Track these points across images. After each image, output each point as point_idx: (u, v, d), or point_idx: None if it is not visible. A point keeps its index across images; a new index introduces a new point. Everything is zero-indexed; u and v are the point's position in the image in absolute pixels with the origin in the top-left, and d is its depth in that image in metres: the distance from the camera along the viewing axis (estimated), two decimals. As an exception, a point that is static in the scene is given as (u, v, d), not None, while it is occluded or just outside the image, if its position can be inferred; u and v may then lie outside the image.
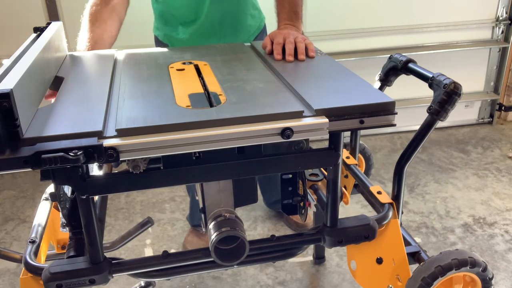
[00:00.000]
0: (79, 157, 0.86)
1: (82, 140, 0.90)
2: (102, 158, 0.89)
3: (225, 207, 1.18)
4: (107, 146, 0.89)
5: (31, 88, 1.02)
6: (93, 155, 0.89)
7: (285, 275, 1.97)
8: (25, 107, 0.93)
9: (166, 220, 2.36)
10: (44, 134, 0.90)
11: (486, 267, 1.25)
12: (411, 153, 1.28)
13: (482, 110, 3.28)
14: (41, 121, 0.97)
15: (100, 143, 0.89)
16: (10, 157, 0.85)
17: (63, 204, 1.17)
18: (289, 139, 0.97)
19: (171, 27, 1.73)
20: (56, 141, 0.89)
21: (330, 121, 0.99)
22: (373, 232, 1.23)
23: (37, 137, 0.90)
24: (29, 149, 0.86)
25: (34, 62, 1.05)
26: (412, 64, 1.37)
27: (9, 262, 1.73)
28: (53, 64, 1.27)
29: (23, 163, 0.86)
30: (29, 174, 2.74)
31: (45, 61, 1.18)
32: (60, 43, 1.40)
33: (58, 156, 0.85)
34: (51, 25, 1.39)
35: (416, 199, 2.46)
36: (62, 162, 0.86)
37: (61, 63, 1.36)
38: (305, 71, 1.27)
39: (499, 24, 3.05)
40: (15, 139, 0.88)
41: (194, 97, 1.10)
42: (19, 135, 0.88)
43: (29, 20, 2.56)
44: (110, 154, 0.90)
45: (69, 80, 1.22)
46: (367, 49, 2.94)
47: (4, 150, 0.86)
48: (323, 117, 1.00)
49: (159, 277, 1.19)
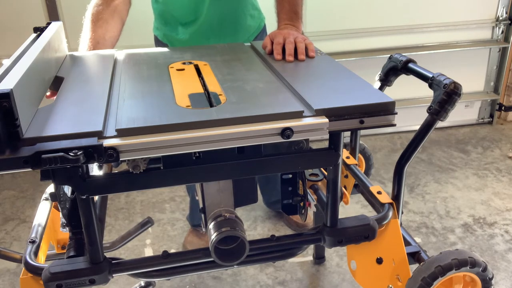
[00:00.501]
0: (79, 157, 0.86)
1: (82, 140, 0.89)
2: (102, 158, 0.89)
3: (225, 207, 1.18)
4: (107, 146, 0.89)
5: (31, 88, 1.02)
6: (93, 155, 0.89)
7: (285, 275, 1.97)
8: (25, 107, 0.93)
9: (166, 220, 2.36)
10: (44, 134, 0.90)
11: (486, 267, 1.25)
12: (411, 153, 1.28)
13: (482, 110, 3.28)
14: (41, 121, 0.97)
15: (100, 143, 0.89)
16: (10, 157, 0.85)
17: (63, 204, 1.17)
18: (289, 139, 0.97)
19: (171, 27, 1.73)
20: (56, 141, 0.89)
21: (330, 121, 0.99)
22: (373, 232, 1.23)
23: (37, 137, 0.90)
24: (29, 149, 0.86)
25: (34, 62, 1.05)
26: (412, 64, 1.37)
27: (9, 262, 1.73)
28: (53, 64, 1.27)
29: (23, 163, 0.86)
30: (29, 174, 2.74)
31: (45, 61, 1.18)
32: (60, 43, 1.40)
33: (58, 156, 0.85)
34: (51, 25, 1.39)
35: (416, 199, 2.47)
36: (62, 162, 0.86)
37: (61, 63, 1.36)
38: (305, 71, 1.27)
39: (499, 24, 3.05)
40: (15, 139, 0.88)
41: (194, 97, 1.10)
42: (19, 135, 0.88)
43: (29, 20, 2.56)
44: (110, 154, 0.89)
45: (69, 80, 1.22)
46: (367, 49, 2.94)
47: (4, 150, 0.86)
48: (323, 117, 1.00)
49: (159, 277, 1.19)
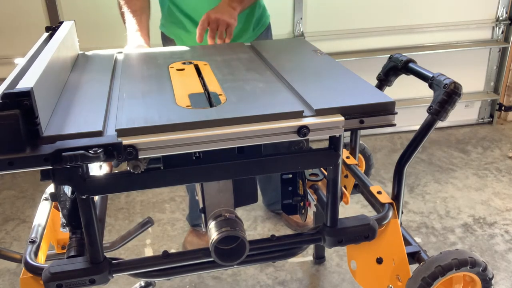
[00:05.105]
0: (99, 154, 0.87)
1: (102, 138, 0.90)
2: (121, 156, 0.90)
3: (225, 207, 1.18)
4: (126, 144, 0.90)
5: (49, 87, 1.03)
6: (113, 153, 0.89)
7: (285, 275, 1.97)
8: (43, 105, 0.94)
9: (166, 220, 2.36)
10: (64, 132, 0.91)
11: (486, 267, 1.25)
12: (411, 153, 1.28)
13: (482, 110, 3.28)
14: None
15: (120, 141, 0.90)
16: (30, 155, 0.86)
17: (63, 204, 1.17)
18: (305, 137, 0.98)
19: (179, 24, 1.74)
20: (75, 139, 0.90)
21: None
22: (373, 232, 1.23)
23: (56, 135, 0.90)
24: (49, 147, 0.87)
25: (50, 61, 1.06)
26: (412, 64, 1.37)
27: (9, 262, 1.73)
28: (67, 64, 1.29)
29: (43, 160, 0.86)
30: (29, 174, 2.74)
31: (60, 61, 1.19)
32: (73, 42, 1.41)
33: (79, 154, 0.86)
34: (63, 25, 1.40)
35: (416, 199, 2.46)
36: (83, 159, 0.86)
37: (74, 62, 1.37)
38: (305, 71, 1.27)
39: (499, 24, 3.05)
40: (35, 137, 0.88)
41: (194, 97, 1.10)
42: (39, 133, 0.88)
43: (29, 20, 2.56)
44: (129, 152, 0.90)
45: (71, 80, 1.22)
46: (367, 49, 2.94)
47: (25, 148, 0.86)
48: (339, 115, 1.01)
49: (159, 277, 1.19)
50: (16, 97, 0.84)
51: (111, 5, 2.34)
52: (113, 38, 2.23)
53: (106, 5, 2.52)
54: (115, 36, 2.09)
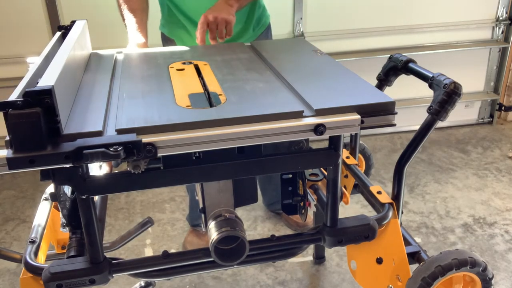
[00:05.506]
0: (119, 152, 0.87)
1: (122, 136, 0.90)
2: (141, 154, 0.90)
3: (225, 207, 1.18)
4: (146, 142, 0.90)
5: (67, 85, 1.03)
6: (133, 151, 0.89)
7: (285, 275, 1.97)
8: (63, 104, 0.94)
9: (166, 220, 2.36)
10: (84, 130, 0.91)
11: (486, 267, 1.25)
12: (411, 153, 1.28)
13: (482, 110, 3.28)
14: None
15: (139, 139, 0.90)
16: (51, 152, 0.86)
17: (63, 204, 1.17)
18: (322, 135, 0.98)
19: (179, 24, 1.74)
20: (95, 137, 0.90)
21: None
22: (373, 232, 1.23)
23: (77, 133, 0.90)
24: (70, 145, 0.87)
25: (67, 60, 1.06)
26: (412, 64, 1.37)
27: (9, 262, 1.73)
28: (82, 63, 1.30)
29: (64, 158, 0.86)
30: (29, 174, 2.74)
31: (76, 60, 1.19)
32: (86, 42, 1.41)
33: (100, 152, 0.86)
34: (76, 24, 1.40)
35: (416, 199, 2.46)
36: (104, 157, 0.86)
37: (87, 61, 1.37)
38: (305, 71, 1.27)
39: (499, 24, 3.05)
40: (55, 135, 0.88)
41: (194, 97, 1.10)
42: (59, 131, 0.89)
43: (29, 20, 2.56)
44: (148, 149, 0.91)
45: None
46: (367, 49, 2.94)
47: (46, 146, 0.86)
48: (355, 113, 1.01)
49: (159, 277, 1.19)
50: (38, 95, 0.84)
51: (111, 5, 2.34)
52: (113, 38, 2.23)
53: (106, 5, 2.51)
54: (115, 36, 2.10)
